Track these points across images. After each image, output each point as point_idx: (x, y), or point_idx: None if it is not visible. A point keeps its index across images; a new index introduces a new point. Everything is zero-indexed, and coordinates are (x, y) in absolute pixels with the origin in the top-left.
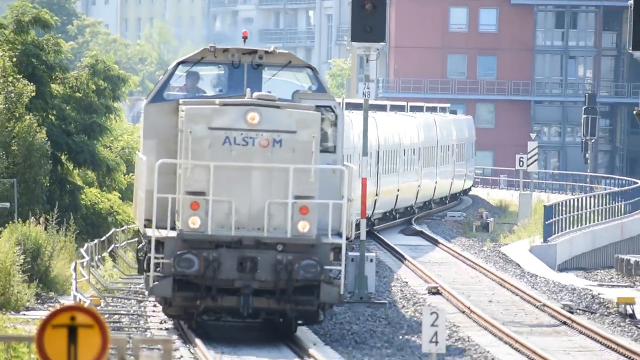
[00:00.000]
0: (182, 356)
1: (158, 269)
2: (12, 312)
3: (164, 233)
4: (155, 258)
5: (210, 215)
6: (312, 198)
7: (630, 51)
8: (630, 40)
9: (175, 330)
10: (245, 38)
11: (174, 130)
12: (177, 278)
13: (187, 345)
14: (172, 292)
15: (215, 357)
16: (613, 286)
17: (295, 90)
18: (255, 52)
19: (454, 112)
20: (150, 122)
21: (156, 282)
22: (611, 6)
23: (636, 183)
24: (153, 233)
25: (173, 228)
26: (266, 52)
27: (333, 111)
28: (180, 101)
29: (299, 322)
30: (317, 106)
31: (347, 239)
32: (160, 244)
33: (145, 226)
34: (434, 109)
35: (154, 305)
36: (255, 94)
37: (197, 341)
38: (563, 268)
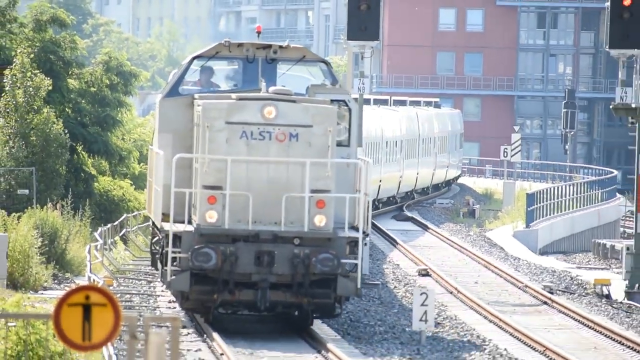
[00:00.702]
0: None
1: (175, 263)
2: (31, 292)
3: (181, 227)
4: (173, 252)
5: (228, 209)
6: (329, 192)
7: (607, 49)
8: (607, 39)
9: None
10: (259, 33)
11: (189, 125)
12: (195, 272)
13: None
14: (190, 286)
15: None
16: (590, 269)
17: (309, 85)
18: (269, 46)
19: (437, 106)
20: (165, 117)
21: (174, 277)
22: (589, 7)
23: (612, 173)
24: (171, 227)
25: (189, 222)
26: (280, 46)
27: (347, 105)
28: (196, 96)
29: (315, 315)
30: (331, 100)
31: (363, 232)
32: (177, 238)
33: (162, 220)
34: (417, 103)
35: (163, 286)
36: (271, 88)
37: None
38: (544, 252)
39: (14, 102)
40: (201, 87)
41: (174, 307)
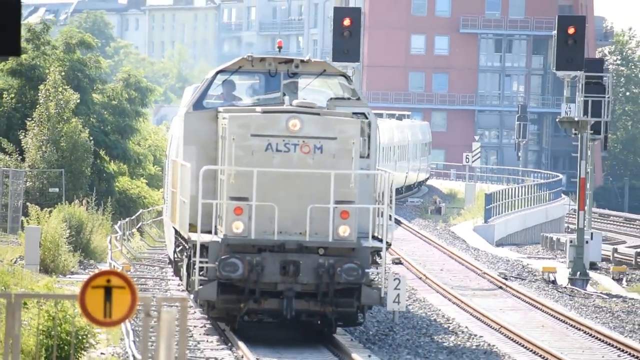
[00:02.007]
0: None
1: (202, 273)
2: (60, 275)
3: (208, 238)
4: (200, 262)
5: (254, 220)
6: (352, 203)
7: (554, 71)
8: (554, 63)
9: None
10: (280, 48)
11: (213, 137)
12: (222, 282)
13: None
14: (217, 296)
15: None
16: (539, 258)
17: (330, 98)
18: (291, 61)
19: (406, 118)
20: (190, 129)
21: (201, 286)
22: (539, 35)
23: (558, 176)
24: (198, 238)
25: (215, 232)
26: (302, 60)
27: (366, 117)
28: (220, 109)
29: (339, 323)
30: (352, 113)
31: (387, 242)
32: (204, 248)
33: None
34: (392, 116)
35: (173, 272)
36: (295, 101)
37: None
38: (499, 244)
39: (47, 113)
40: (224, 100)
41: (182, 290)
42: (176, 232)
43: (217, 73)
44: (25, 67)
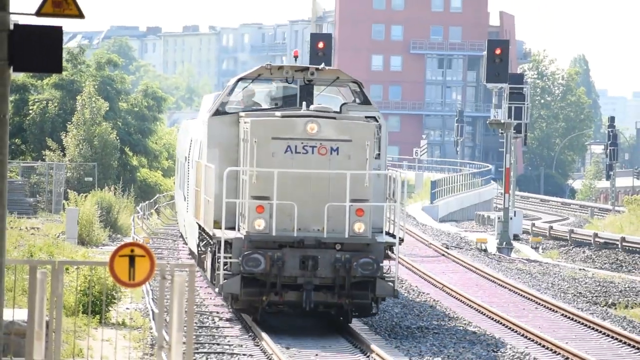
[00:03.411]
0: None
1: (226, 267)
2: (94, 247)
3: (231, 235)
4: (224, 257)
5: (275, 217)
6: (367, 201)
7: (485, 83)
8: (485, 77)
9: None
10: (296, 57)
11: (234, 140)
12: (245, 276)
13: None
14: (240, 289)
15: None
16: (473, 231)
17: (343, 103)
18: (307, 69)
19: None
20: (213, 133)
21: (225, 280)
22: (473, 55)
23: (488, 167)
24: (222, 235)
25: (233, 228)
26: (317, 69)
27: (377, 121)
28: (241, 114)
29: (354, 314)
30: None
31: (400, 238)
32: (228, 244)
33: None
34: None
35: (184, 243)
36: (312, 106)
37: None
38: (442, 220)
39: (83, 118)
40: (244, 106)
41: (190, 258)
42: (200, 227)
43: (238, 80)
44: (65, 82)
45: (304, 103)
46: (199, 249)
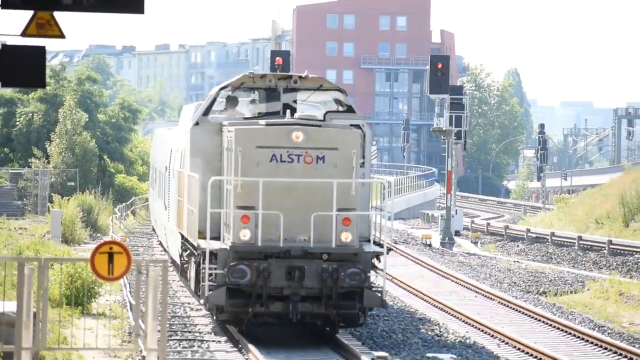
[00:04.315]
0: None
1: (210, 278)
2: (76, 245)
3: (216, 245)
4: (209, 269)
5: (260, 227)
6: (354, 210)
7: (428, 94)
8: (428, 88)
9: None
10: (279, 65)
11: (217, 149)
12: (230, 287)
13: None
14: (225, 301)
15: None
16: (419, 228)
17: (327, 111)
18: (290, 77)
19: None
20: (195, 142)
21: (210, 292)
22: (418, 69)
23: (431, 170)
24: (207, 245)
25: (217, 239)
26: (300, 76)
27: (361, 129)
28: (225, 123)
29: (341, 325)
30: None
31: (388, 247)
32: (213, 255)
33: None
34: None
35: (159, 243)
36: (296, 114)
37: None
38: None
39: (65, 129)
40: (227, 115)
41: (163, 254)
42: (182, 237)
43: (220, 89)
44: (49, 96)
45: (287, 111)
46: (182, 259)
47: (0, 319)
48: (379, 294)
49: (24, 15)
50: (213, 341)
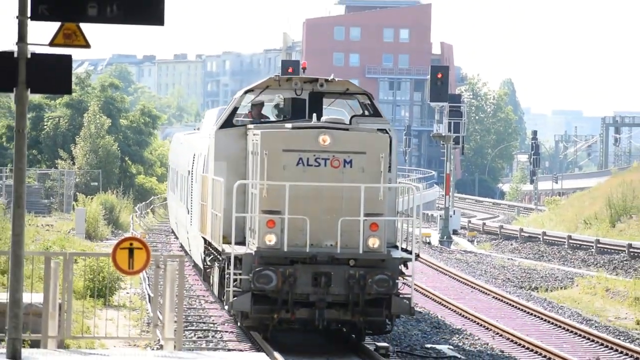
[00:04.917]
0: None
1: (235, 283)
2: (99, 241)
3: (241, 250)
4: (234, 274)
5: (286, 232)
6: (382, 215)
7: (429, 102)
8: (429, 97)
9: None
10: (304, 69)
11: (242, 153)
12: (255, 293)
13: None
14: (250, 307)
15: None
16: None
17: (353, 115)
18: (316, 80)
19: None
20: (220, 146)
21: (235, 297)
22: (419, 78)
23: (431, 173)
24: (232, 250)
25: (242, 243)
26: (326, 80)
27: (388, 133)
28: (250, 126)
29: (368, 332)
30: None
31: (416, 254)
32: (237, 260)
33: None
34: None
35: (180, 247)
36: (323, 118)
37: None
38: None
39: (89, 132)
40: (252, 118)
41: (181, 250)
42: (206, 242)
43: (245, 93)
44: (74, 102)
45: (314, 115)
46: (205, 264)
47: (28, 310)
48: (407, 301)
49: (52, 27)
50: (226, 332)
